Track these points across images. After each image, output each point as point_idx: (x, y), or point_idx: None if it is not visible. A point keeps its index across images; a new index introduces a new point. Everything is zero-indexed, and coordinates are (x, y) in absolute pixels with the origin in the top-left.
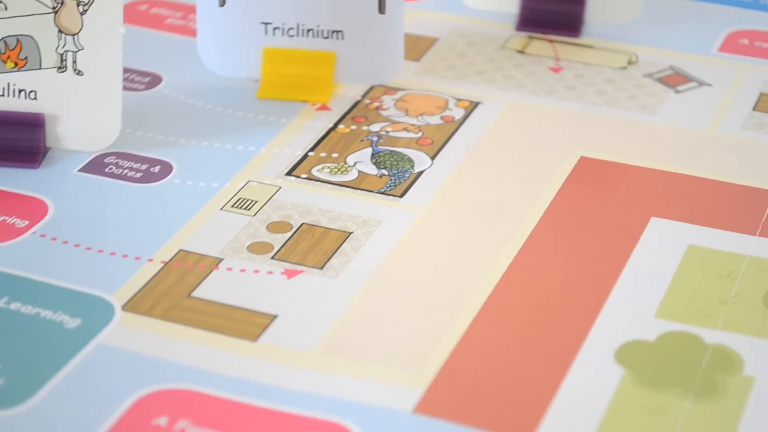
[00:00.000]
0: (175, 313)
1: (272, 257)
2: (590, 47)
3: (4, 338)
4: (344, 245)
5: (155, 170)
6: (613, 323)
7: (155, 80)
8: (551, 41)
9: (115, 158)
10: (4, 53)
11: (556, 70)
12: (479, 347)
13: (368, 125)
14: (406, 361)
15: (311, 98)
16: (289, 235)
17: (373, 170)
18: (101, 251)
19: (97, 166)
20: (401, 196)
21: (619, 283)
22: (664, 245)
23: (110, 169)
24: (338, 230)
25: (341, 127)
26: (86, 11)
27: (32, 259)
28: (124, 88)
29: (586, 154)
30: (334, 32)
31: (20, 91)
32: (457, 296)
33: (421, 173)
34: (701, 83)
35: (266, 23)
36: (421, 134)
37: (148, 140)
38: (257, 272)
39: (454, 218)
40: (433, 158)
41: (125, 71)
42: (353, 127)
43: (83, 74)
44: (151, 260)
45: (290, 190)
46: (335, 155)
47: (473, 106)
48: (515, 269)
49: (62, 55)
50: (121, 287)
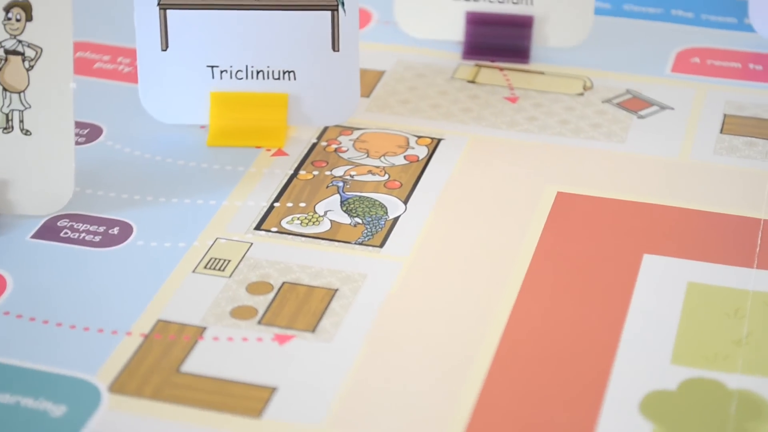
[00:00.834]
0: (167, 391)
1: (258, 322)
2: (542, 73)
3: None
4: (332, 304)
5: (114, 232)
6: (630, 373)
7: (95, 132)
8: (501, 69)
9: (68, 221)
10: None
11: (512, 99)
12: (499, 407)
13: (331, 170)
14: (422, 428)
15: (265, 143)
16: (271, 296)
17: (345, 219)
18: (73, 327)
19: (50, 231)
20: (381, 246)
21: (626, 328)
22: (663, 284)
23: (65, 233)
24: (323, 288)
25: (303, 173)
26: (33, 67)
27: (0, 340)
28: None
29: (562, 188)
30: (285, 73)
31: None
32: (463, 351)
33: (396, 219)
34: (662, 107)
35: (213, 66)
36: (387, 177)
37: (99, 199)
38: (246, 340)
39: (441, 267)
40: (405, 203)
41: None
42: (315, 172)
43: (32, 134)
44: (129, 333)
45: (263, 245)
46: (303, 205)
47: (435, 143)
48: (517, 319)
49: (8, 114)
50: (102, 366)
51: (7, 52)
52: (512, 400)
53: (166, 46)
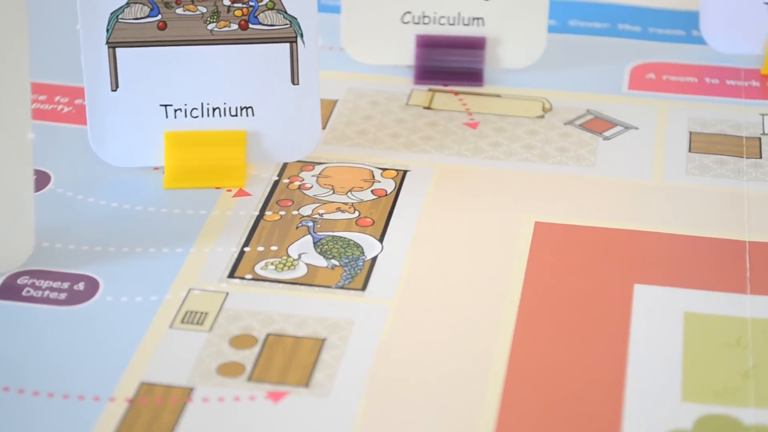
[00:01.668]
0: None
1: (248, 379)
2: (498, 96)
3: None
4: (322, 355)
5: (80, 288)
6: (643, 413)
7: (43, 179)
8: (456, 93)
9: (29, 278)
10: None
11: (472, 125)
12: None
13: (297, 209)
14: None
15: (225, 183)
16: (257, 349)
17: (321, 261)
18: (51, 395)
19: (11, 290)
20: (363, 289)
21: (630, 365)
22: (659, 316)
23: (28, 291)
24: (310, 338)
25: (269, 214)
26: None
27: None
28: None
29: (539, 218)
30: (243, 109)
31: None
32: (466, 398)
33: (374, 260)
34: (626, 126)
35: (166, 105)
36: (358, 214)
37: (58, 252)
38: (238, 399)
39: (429, 309)
40: (381, 241)
41: None
42: (282, 212)
43: None
44: (113, 399)
45: (239, 295)
46: (274, 248)
47: (401, 175)
48: (518, 362)
49: None
50: None
51: None
52: None
53: (115, 86)
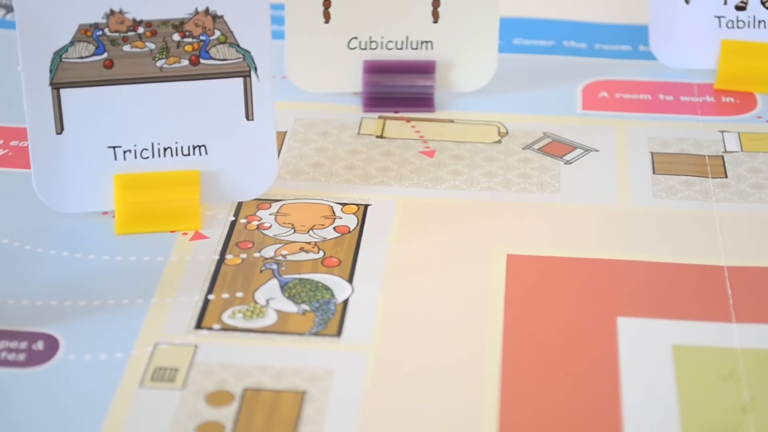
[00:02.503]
0: None
1: None
2: (451, 121)
3: None
4: (305, 409)
5: (39, 347)
6: None
7: None
8: (408, 120)
9: None
10: None
11: (429, 153)
12: None
13: (259, 251)
14: None
15: (180, 226)
16: (235, 407)
17: (291, 307)
18: None
19: None
20: (338, 334)
21: (625, 404)
22: (647, 350)
23: None
24: (289, 391)
25: (230, 257)
26: None
27: None
28: None
29: (510, 250)
30: (195, 147)
31: None
32: None
33: (346, 302)
34: (586, 149)
35: (114, 147)
36: (322, 253)
37: (11, 308)
38: None
39: (410, 352)
40: (350, 281)
41: None
42: (243, 255)
43: None
44: None
45: (209, 347)
46: (240, 294)
47: (362, 210)
48: (509, 405)
49: None
50: None
51: None
52: None
53: (61, 128)
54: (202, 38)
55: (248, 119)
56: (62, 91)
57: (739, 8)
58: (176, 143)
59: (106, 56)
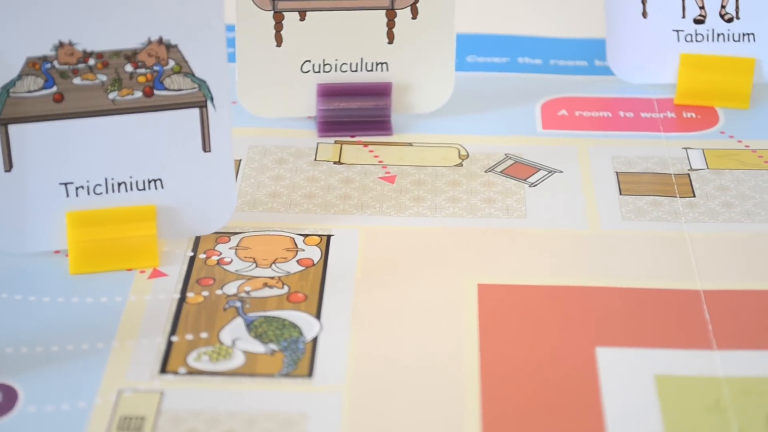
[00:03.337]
0: None
1: None
2: (410, 144)
3: None
4: None
5: None
6: None
7: None
8: (365, 145)
9: None
10: None
11: (389, 179)
12: None
13: (221, 288)
14: None
15: (137, 264)
16: None
17: (258, 347)
18: None
19: None
20: (309, 375)
21: None
22: (629, 382)
23: None
24: None
25: (191, 295)
26: None
27: None
28: None
29: (481, 280)
30: (151, 181)
31: None
32: None
33: (315, 340)
34: (549, 170)
35: (66, 183)
36: (287, 289)
37: None
38: None
39: (386, 391)
40: (318, 317)
41: None
42: (205, 293)
43: None
44: None
45: (176, 393)
46: (204, 335)
47: (325, 240)
48: None
49: None
50: None
51: None
52: None
53: (9, 166)
54: (155, 68)
55: (205, 151)
56: (10, 126)
57: (697, 21)
58: (131, 178)
59: (55, 90)
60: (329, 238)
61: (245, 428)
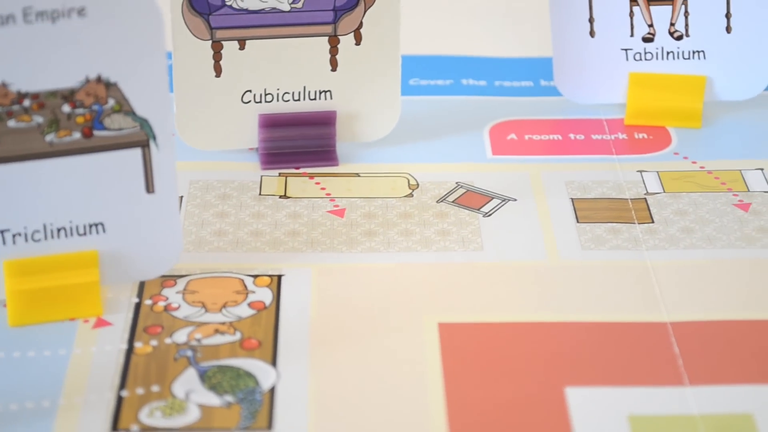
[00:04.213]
0: None
1: None
2: (357, 175)
3: None
4: None
5: None
6: None
7: None
8: (311, 176)
9: None
10: None
11: (338, 213)
12: None
13: (170, 336)
14: None
15: (80, 313)
16: None
17: (213, 399)
18: None
19: None
20: (269, 428)
21: None
22: (602, 423)
23: None
24: None
25: (139, 345)
26: None
27: None
28: None
29: (441, 318)
30: (92, 226)
31: None
32: None
33: (273, 390)
34: (503, 199)
35: (3, 231)
36: (239, 335)
37: None
38: None
39: None
40: (274, 364)
41: None
42: (154, 342)
43: None
44: None
45: None
46: (156, 388)
47: (276, 281)
48: None
49: None
50: None
51: None
52: None
53: None
54: (94, 108)
55: (148, 192)
56: None
57: (646, 40)
58: (71, 222)
59: None
60: (280, 278)
61: None
